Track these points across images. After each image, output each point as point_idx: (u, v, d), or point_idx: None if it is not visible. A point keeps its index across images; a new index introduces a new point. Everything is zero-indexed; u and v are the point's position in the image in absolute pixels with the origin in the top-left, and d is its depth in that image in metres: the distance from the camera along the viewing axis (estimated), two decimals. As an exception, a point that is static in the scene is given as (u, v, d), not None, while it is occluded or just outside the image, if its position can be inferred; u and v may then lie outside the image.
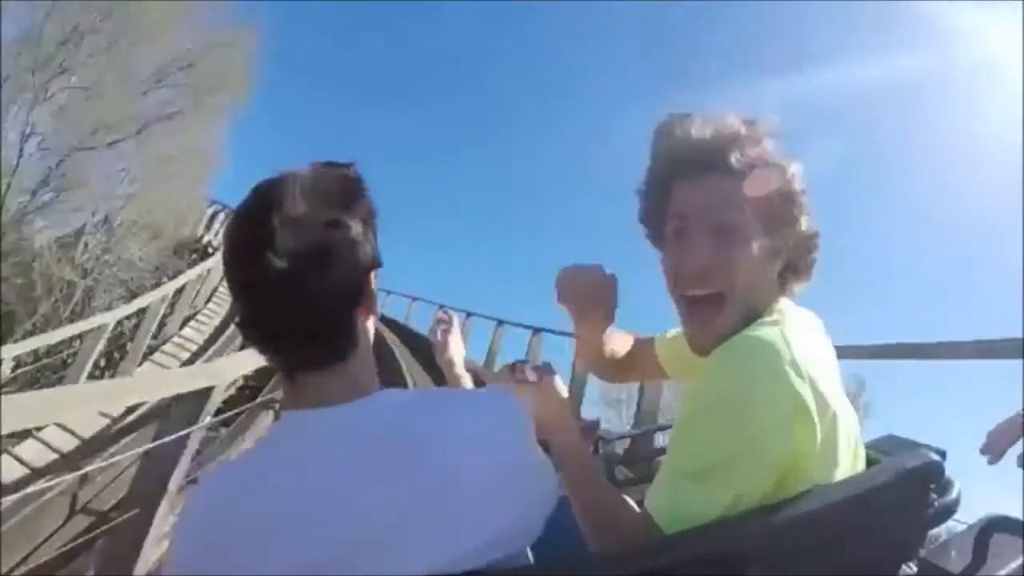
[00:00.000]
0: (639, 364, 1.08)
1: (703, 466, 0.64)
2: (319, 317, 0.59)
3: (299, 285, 0.57)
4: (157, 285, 9.41)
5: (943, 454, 0.73)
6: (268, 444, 0.63)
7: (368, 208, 0.64)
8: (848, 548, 0.63)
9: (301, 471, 0.57)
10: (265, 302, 0.59)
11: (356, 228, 0.61)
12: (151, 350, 7.74)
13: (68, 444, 4.56)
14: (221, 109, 12.44)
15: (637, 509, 0.71)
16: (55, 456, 4.37)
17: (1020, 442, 0.67)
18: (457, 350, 1.10)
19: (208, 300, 10.81)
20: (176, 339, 8.52)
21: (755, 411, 0.63)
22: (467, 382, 1.08)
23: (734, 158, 0.73)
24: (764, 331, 0.68)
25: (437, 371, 1.12)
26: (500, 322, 8.21)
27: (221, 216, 14.71)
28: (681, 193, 0.77)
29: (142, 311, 7.25)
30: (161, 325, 8.71)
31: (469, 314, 9.37)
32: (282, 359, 0.62)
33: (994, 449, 0.67)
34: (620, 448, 1.29)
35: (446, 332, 1.12)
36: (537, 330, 6.47)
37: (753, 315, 0.73)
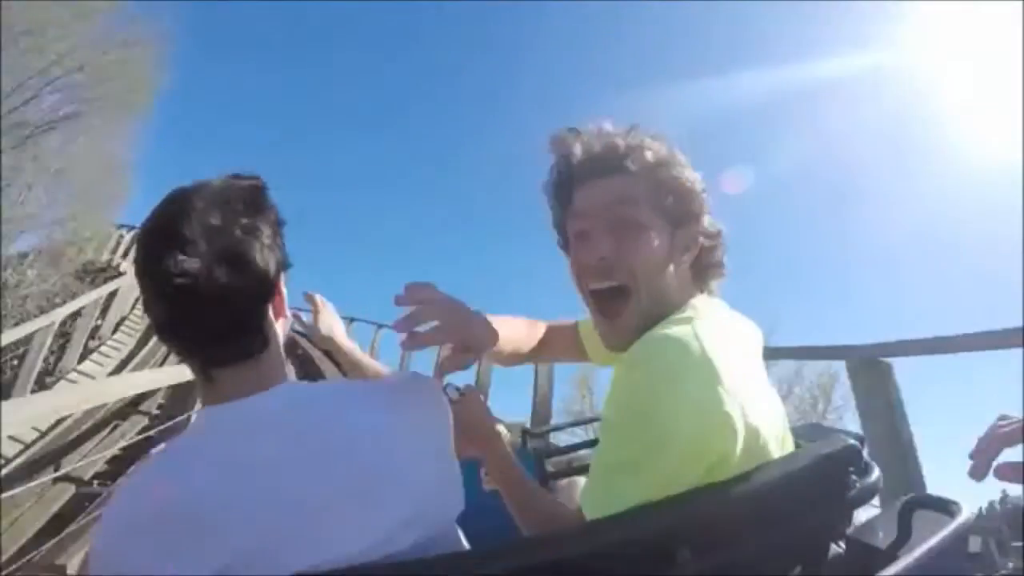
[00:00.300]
0: (553, 349, 1.10)
1: (622, 460, 0.64)
2: (234, 317, 0.62)
3: (215, 286, 0.60)
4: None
5: (861, 439, 0.76)
6: (187, 439, 0.67)
7: (276, 215, 0.68)
8: (776, 529, 0.62)
9: (220, 465, 0.59)
10: (182, 305, 0.61)
11: (266, 233, 0.65)
12: (41, 387, 6.92)
13: None
14: (121, 119, 11.48)
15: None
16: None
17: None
18: (335, 325, 1.07)
19: (115, 329, 9.84)
20: (73, 375, 7.65)
21: (666, 407, 0.63)
22: (359, 355, 1.05)
23: (630, 160, 0.76)
24: (675, 329, 0.68)
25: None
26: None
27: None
28: (581, 196, 0.80)
29: (27, 341, 6.47)
30: (56, 358, 7.79)
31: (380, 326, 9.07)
32: (198, 358, 0.64)
33: (977, 471, 0.61)
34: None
35: (315, 312, 1.07)
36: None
37: (664, 311, 0.73)
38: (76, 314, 7.89)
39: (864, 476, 0.68)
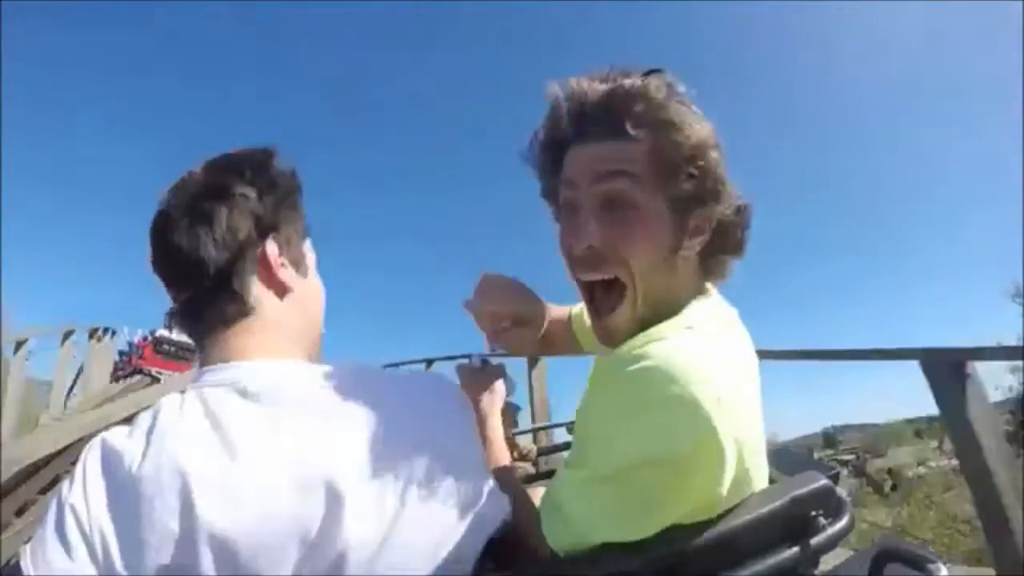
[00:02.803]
0: (558, 340, 0.96)
1: (596, 476, 0.57)
2: (201, 277, 0.62)
3: (181, 243, 0.61)
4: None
5: (836, 475, 0.70)
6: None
7: (272, 182, 0.66)
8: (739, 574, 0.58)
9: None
10: (159, 264, 0.64)
11: (248, 194, 0.64)
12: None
13: None
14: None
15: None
16: None
17: None
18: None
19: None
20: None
21: (654, 434, 0.54)
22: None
23: (630, 120, 0.62)
24: (680, 345, 0.58)
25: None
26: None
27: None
28: (570, 161, 0.67)
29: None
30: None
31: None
32: (184, 323, 0.65)
33: None
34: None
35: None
36: (430, 361, 6.01)
37: (663, 308, 0.64)
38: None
39: (835, 518, 0.63)
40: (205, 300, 0.63)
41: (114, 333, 10.14)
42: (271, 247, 0.65)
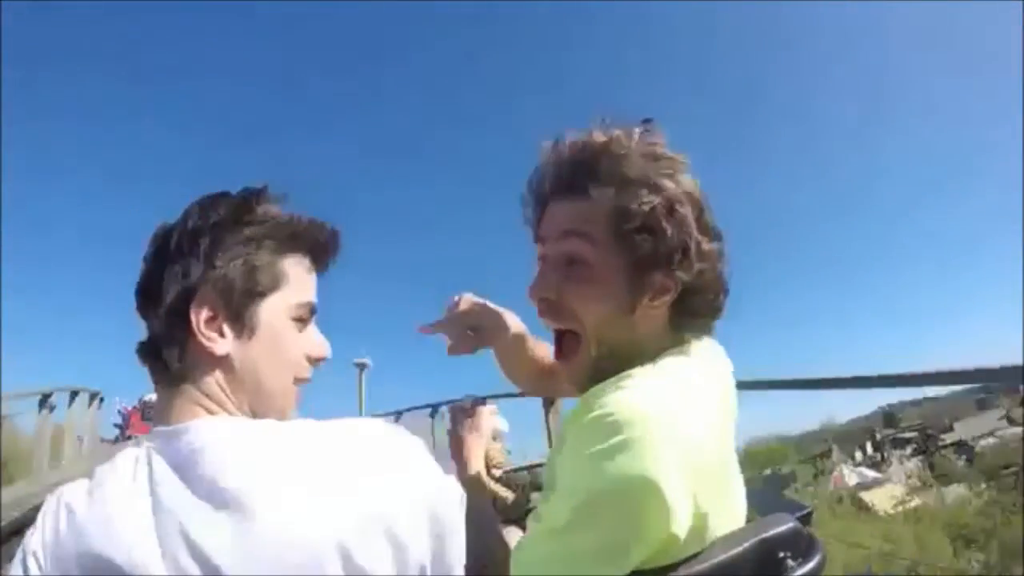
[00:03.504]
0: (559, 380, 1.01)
1: (555, 527, 0.58)
2: (148, 334, 0.63)
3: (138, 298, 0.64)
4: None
5: (808, 515, 0.71)
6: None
7: (211, 232, 0.62)
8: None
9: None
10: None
11: (181, 252, 0.62)
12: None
13: None
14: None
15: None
16: None
17: None
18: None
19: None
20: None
21: (605, 484, 0.55)
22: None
23: (592, 180, 0.66)
24: (634, 393, 0.59)
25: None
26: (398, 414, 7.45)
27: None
28: (544, 218, 0.72)
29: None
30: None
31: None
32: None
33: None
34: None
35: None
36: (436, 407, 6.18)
37: (628, 358, 0.66)
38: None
39: (805, 559, 0.64)
40: (150, 359, 0.63)
41: (99, 398, 9.64)
42: (198, 313, 0.61)
